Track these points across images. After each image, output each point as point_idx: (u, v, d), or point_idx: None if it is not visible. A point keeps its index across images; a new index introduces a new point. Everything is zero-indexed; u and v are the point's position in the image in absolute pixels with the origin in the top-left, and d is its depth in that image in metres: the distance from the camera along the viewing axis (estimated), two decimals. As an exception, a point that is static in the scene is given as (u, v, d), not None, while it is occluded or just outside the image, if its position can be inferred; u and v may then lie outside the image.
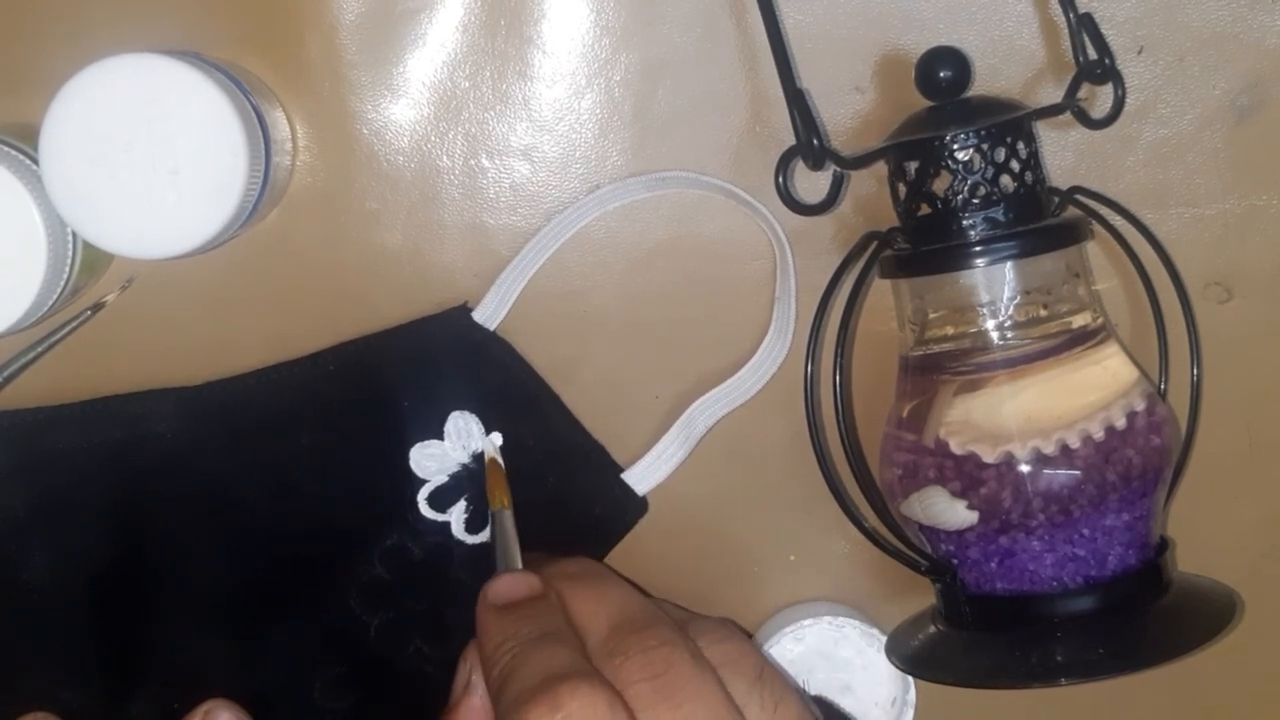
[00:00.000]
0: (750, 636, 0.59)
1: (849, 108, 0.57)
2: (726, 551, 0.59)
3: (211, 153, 0.50)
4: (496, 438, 0.56)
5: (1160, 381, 0.56)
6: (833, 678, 0.57)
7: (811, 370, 0.54)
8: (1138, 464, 0.51)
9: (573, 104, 0.57)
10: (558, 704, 0.44)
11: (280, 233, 0.57)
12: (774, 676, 0.48)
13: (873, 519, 0.54)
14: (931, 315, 0.53)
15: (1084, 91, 0.54)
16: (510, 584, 0.50)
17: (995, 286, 0.51)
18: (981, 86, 0.56)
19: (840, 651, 0.57)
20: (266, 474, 0.56)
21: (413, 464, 0.56)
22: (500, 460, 0.56)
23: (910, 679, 0.56)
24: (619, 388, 0.58)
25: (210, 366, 0.56)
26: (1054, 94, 0.56)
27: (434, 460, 0.56)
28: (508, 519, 0.53)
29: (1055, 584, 0.51)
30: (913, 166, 0.52)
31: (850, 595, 0.59)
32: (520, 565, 0.52)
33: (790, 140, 0.52)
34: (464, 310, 0.57)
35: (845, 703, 0.56)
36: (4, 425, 0.55)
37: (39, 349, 0.56)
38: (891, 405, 0.54)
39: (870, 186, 0.57)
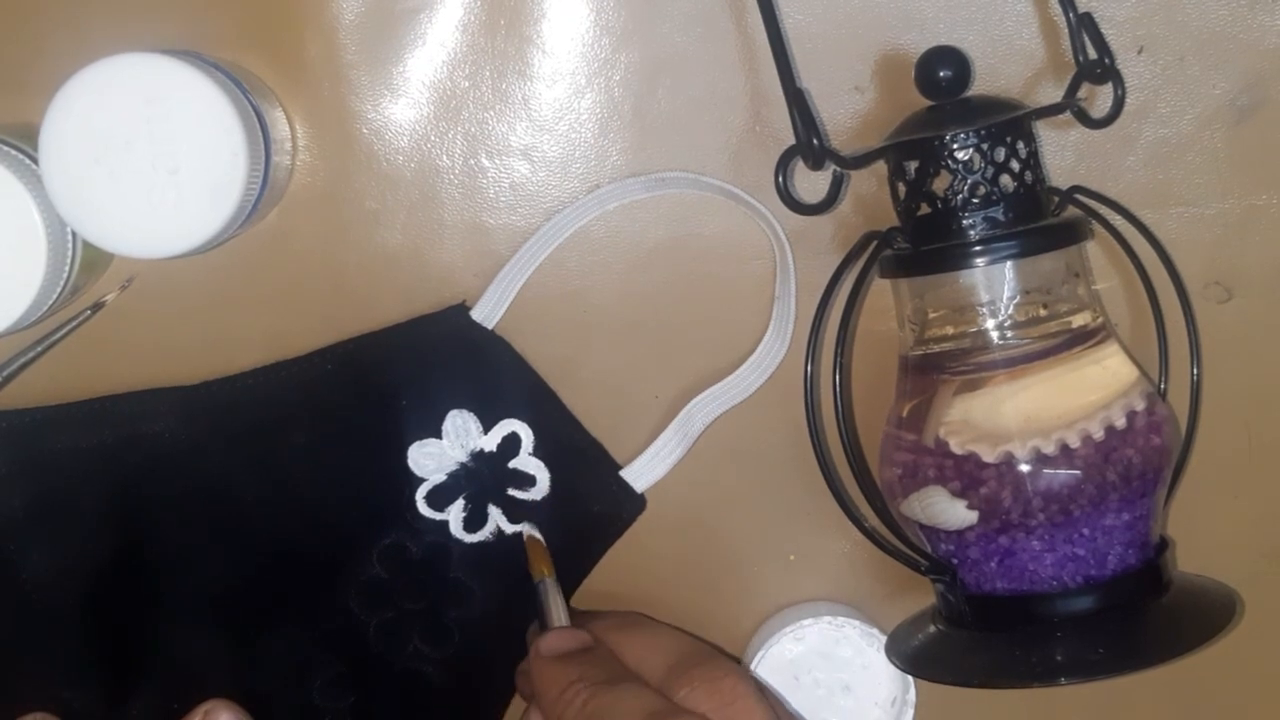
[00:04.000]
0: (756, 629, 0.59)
1: (849, 107, 0.57)
2: (726, 550, 0.59)
3: (211, 152, 0.50)
4: (534, 529, 0.57)
5: (1160, 381, 0.55)
6: (832, 677, 0.57)
7: (811, 370, 0.54)
8: (1138, 464, 0.51)
9: (572, 104, 0.57)
10: None
11: (280, 232, 0.57)
12: None
13: (873, 518, 0.54)
14: (931, 315, 0.53)
15: (1084, 91, 0.54)
16: (561, 638, 0.51)
17: (995, 286, 0.51)
18: (981, 86, 0.56)
19: (840, 651, 0.57)
20: (265, 473, 0.56)
21: (411, 462, 0.56)
22: (539, 536, 0.56)
23: (910, 679, 0.56)
24: (618, 387, 0.58)
25: (209, 366, 0.56)
26: (1054, 93, 0.56)
27: (432, 459, 0.56)
28: (551, 586, 0.54)
29: (1055, 584, 0.51)
30: (912, 166, 0.52)
31: (850, 595, 0.59)
32: (569, 624, 0.53)
33: (790, 140, 0.52)
34: (462, 309, 0.57)
35: (845, 702, 0.56)
36: (3, 425, 0.55)
37: (39, 348, 0.56)
38: (891, 405, 0.54)
39: (870, 186, 0.57)
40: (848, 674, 0.57)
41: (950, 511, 0.51)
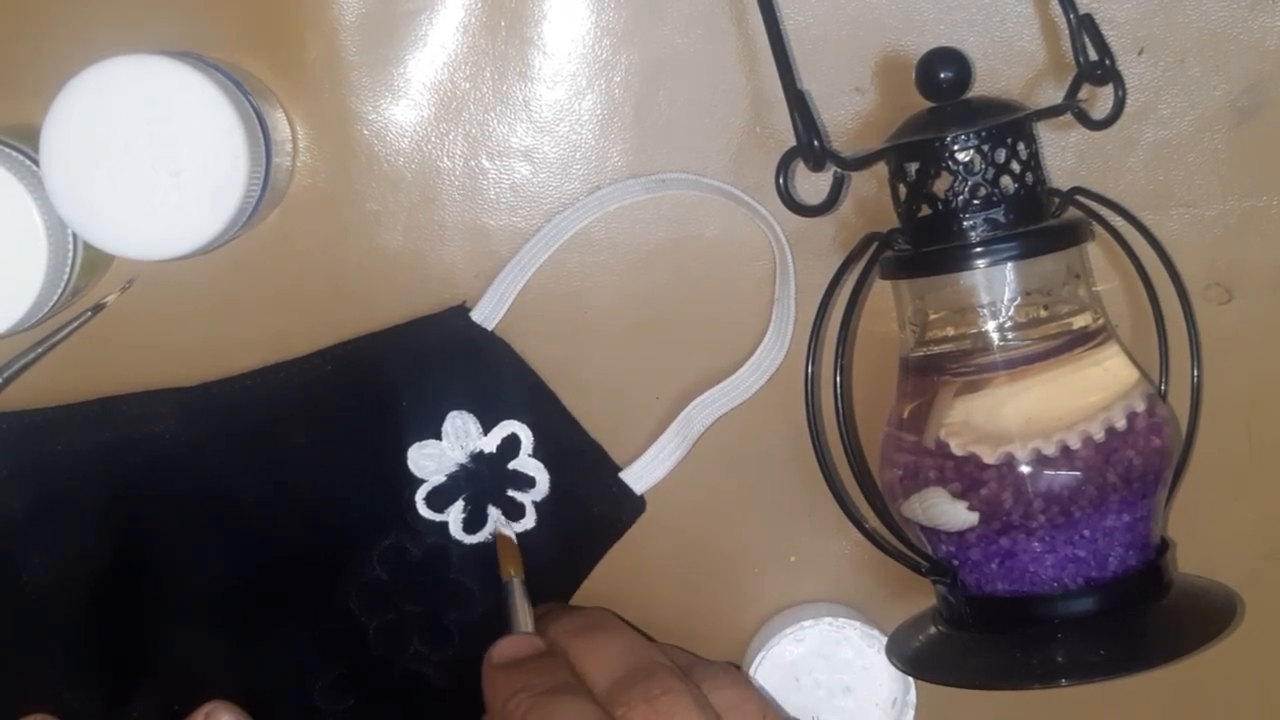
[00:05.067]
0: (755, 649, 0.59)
1: (849, 109, 0.57)
2: (726, 552, 0.59)
3: (212, 154, 0.50)
4: (508, 527, 0.57)
5: (1161, 382, 0.56)
6: (833, 678, 0.57)
7: (812, 371, 0.54)
8: (1138, 465, 0.51)
9: (573, 105, 0.57)
10: None
11: (280, 234, 0.57)
12: None
13: (873, 520, 0.54)
14: (932, 316, 0.53)
15: (1084, 92, 0.54)
16: (513, 644, 0.51)
17: (996, 287, 0.51)
18: (982, 87, 0.55)
19: (841, 652, 0.57)
20: (265, 474, 0.56)
21: (411, 464, 0.56)
22: (512, 535, 0.56)
23: (911, 680, 0.56)
24: (619, 389, 0.58)
25: (210, 367, 0.56)
26: (1054, 95, 0.56)
27: (432, 460, 0.56)
28: (518, 588, 0.54)
29: (1056, 585, 0.51)
30: (913, 168, 0.52)
31: (851, 596, 0.59)
32: (532, 630, 0.53)
33: (791, 141, 0.52)
34: (462, 310, 0.57)
35: (845, 704, 0.56)
36: (3, 427, 0.55)
37: (39, 350, 0.56)
38: (892, 406, 0.54)
39: (871, 187, 0.57)
40: (848, 675, 0.57)
41: (951, 513, 0.51)
